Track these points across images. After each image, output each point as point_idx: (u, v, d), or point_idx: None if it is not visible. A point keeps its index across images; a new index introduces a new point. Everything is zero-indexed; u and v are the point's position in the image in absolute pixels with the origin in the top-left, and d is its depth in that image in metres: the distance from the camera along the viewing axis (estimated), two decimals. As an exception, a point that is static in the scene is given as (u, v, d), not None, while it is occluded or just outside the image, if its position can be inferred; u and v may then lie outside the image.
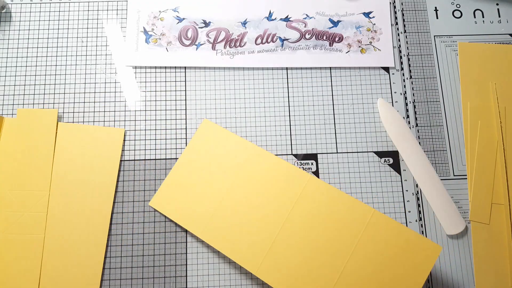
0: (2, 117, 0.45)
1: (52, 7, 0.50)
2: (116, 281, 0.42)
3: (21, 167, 0.44)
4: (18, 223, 0.42)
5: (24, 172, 0.44)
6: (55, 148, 0.45)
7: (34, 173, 0.44)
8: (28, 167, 0.44)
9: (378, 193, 0.45)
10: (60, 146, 0.45)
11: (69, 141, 0.45)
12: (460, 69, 0.49)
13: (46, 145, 0.45)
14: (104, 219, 0.43)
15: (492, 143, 0.46)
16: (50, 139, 0.45)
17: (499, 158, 0.45)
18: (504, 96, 0.47)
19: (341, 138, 0.47)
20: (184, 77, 0.48)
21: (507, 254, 0.43)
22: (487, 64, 0.49)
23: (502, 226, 0.43)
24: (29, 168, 0.44)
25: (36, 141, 0.45)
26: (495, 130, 0.46)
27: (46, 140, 0.45)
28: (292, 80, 0.49)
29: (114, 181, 0.44)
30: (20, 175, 0.44)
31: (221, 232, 0.41)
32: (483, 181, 0.45)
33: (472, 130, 0.47)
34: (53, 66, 0.48)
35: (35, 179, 0.44)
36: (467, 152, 0.46)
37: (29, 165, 0.44)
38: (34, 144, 0.44)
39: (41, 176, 0.44)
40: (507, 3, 0.52)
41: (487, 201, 0.44)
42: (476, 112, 0.47)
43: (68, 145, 0.45)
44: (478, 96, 0.48)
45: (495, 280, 0.42)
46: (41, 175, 0.44)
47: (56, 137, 0.45)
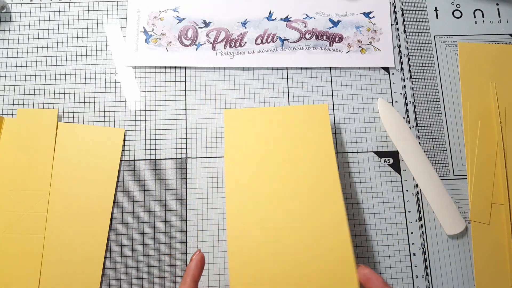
0: (2, 117, 0.45)
1: (52, 7, 0.50)
2: (116, 281, 0.42)
3: (21, 167, 0.44)
4: (18, 223, 0.42)
5: (24, 172, 0.44)
6: (55, 148, 0.45)
7: (34, 173, 0.44)
8: (28, 167, 0.44)
9: (378, 193, 0.45)
10: (60, 146, 0.45)
11: (69, 141, 0.45)
12: (460, 69, 0.49)
13: (46, 145, 0.45)
14: (104, 219, 0.43)
15: (492, 143, 0.46)
16: (50, 139, 0.45)
17: (499, 158, 0.45)
18: (504, 96, 0.47)
19: (341, 138, 0.47)
20: (184, 77, 0.48)
21: (507, 254, 0.43)
22: (487, 64, 0.49)
23: (502, 226, 0.43)
24: (29, 168, 0.44)
25: (36, 141, 0.45)
26: (495, 130, 0.46)
27: (46, 140, 0.45)
28: (292, 80, 0.49)
29: (114, 180, 0.44)
30: (20, 175, 0.44)
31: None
32: (483, 181, 0.45)
33: (472, 130, 0.47)
34: (53, 66, 0.48)
35: (35, 179, 0.44)
36: (467, 152, 0.46)
37: (29, 165, 0.44)
38: (34, 144, 0.44)
39: (41, 176, 0.44)
40: (507, 3, 0.52)
41: (487, 201, 0.44)
42: (476, 112, 0.47)
43: (68, 145, 0.45)
44: (478, 96, 0.48)
45: (495, 280, 0.42)
46: (41, 175, 0.44)
47: (56, 137, 0.45)
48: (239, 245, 0.38)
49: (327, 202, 0.39)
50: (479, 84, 0.48)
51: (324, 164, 0.41)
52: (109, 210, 0.44)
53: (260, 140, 0.42)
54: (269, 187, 0.40)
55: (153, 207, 0.44)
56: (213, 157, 0.46)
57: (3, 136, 0.45)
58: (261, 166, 0.41)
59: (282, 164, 0.41)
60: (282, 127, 0.43)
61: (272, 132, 0.42)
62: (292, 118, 0.43)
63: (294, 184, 0.40)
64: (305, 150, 0.42)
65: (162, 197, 0.45)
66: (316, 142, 0.42)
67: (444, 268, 0.43)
